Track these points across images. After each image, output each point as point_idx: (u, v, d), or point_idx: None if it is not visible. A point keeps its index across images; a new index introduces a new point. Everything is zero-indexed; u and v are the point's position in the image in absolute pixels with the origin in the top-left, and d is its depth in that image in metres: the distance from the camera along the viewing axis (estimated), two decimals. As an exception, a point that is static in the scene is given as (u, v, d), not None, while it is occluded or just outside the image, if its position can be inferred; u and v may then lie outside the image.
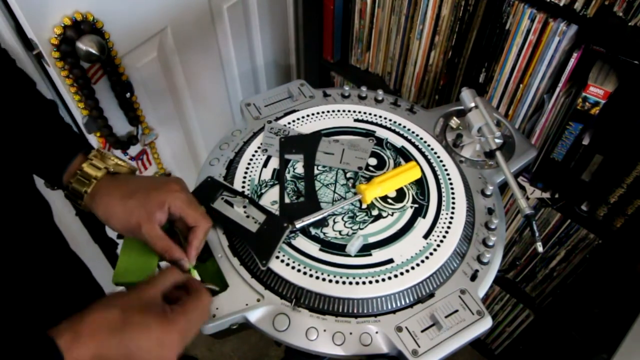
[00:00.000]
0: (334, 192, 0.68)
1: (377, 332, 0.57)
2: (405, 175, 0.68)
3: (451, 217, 0.66)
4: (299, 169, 0.71)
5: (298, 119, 0.78)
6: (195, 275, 0.57)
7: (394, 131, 0.77)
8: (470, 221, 0.67)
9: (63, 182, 0.55)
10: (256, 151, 0.73)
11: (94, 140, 1.00)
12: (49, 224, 0.60)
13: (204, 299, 0.50)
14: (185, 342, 0.47)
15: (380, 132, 0.76)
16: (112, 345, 0.43)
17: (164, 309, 0.46)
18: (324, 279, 0.59)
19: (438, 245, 0.63)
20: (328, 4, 1.18)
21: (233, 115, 1.45)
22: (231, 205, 0.66)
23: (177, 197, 0.55)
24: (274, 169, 0.71)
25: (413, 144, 0.75)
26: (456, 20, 0.98)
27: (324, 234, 0.64)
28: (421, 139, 0.76)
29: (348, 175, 0.70)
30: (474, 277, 0.62)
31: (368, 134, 0.76)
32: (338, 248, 0.62)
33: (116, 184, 0.55)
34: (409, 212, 0.66)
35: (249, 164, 0.71)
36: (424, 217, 0.66)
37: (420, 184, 0.70)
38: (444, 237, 0.64)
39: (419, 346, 0.55)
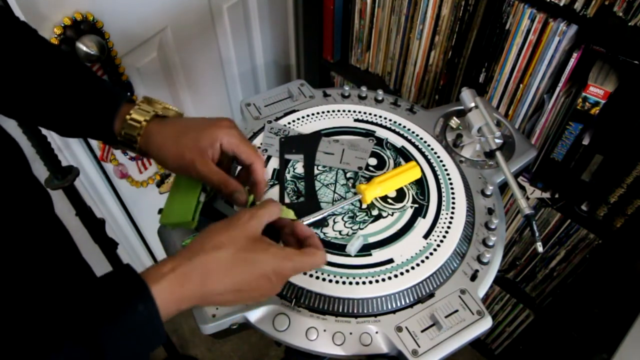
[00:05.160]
0: (334, 192, 0.68)
1: (377, 332, 0.57)
2: (405, 175, 0.68)
3: (451, 217, 0.66)
4: (299, 169, 0.71)
5: (298, 119, 0.78)
6: (291, 215, 0.59)
7: (394, 131, 0.77)
8: (470, 221, 0.67)
9: (115, 132, 0.55)
10: (256, 151, 0.73)
11: (93, 140, 1.00)
12: (49, 215, 0.59)
13: (322, 252, 0.52)
14: (283, 283, 0.49)
15: (380, 132, 0.76)
16: (224, 283, 0.45)
17: (275, 245, 0.48)
18: (324, 279, 0.59)
19: (438, 245, 0.63)
20: (328, 4, 1.18)
21: (233, 115, 1.45)
22: (231, 205, 0.66)
23: (229, 133, 0.55)
24: (274, 169, 0.71)
25: (413, 144, 0.75)
26: (456, 20, 0.98)
27: (324, 234, 0.64)
28: (421, 139, 0.76)
29: (348, 175, 0.70)
30: (474, 277, 0.62)
31: (368, 134, 0.76)
32: (338, 248, 0.62)
33: (167, 124, 0.56)
34: (409, 212, 0.66)
35: (249, 164, 0.71)
36: (424, 217, 0.66)
37: (420, 184, 0.70)
38: (444, 237, 0.64)
39: (419, 346, 0.55)
